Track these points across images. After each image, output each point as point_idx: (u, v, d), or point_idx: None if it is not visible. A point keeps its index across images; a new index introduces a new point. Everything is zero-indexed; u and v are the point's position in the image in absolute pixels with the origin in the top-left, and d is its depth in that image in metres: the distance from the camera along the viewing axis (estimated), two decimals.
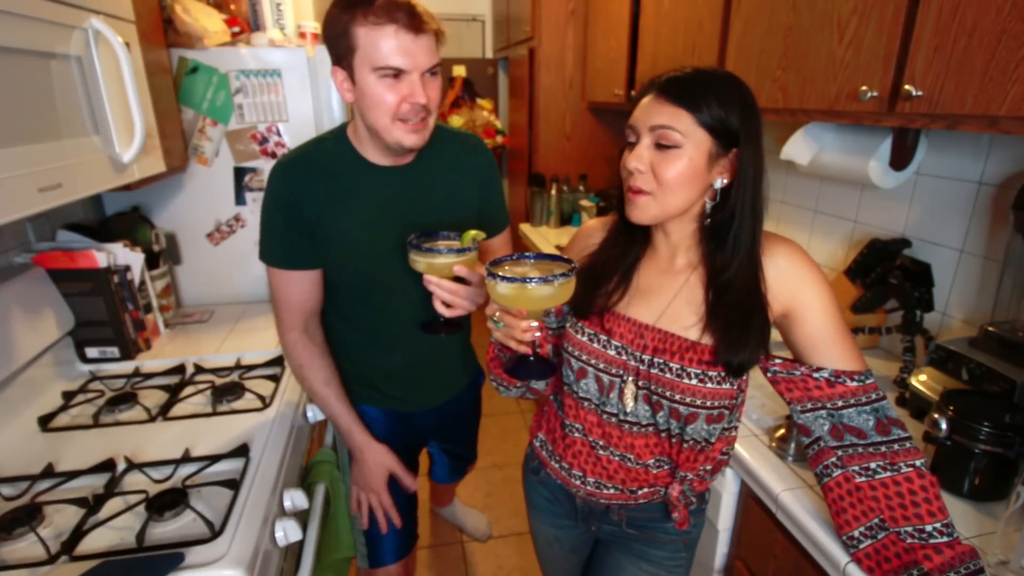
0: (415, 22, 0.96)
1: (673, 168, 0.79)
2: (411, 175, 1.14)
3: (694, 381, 0.83)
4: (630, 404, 0.89)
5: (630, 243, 0.93)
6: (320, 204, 1.10)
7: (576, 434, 0.96)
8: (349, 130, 1.13)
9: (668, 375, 0.85)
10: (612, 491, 0.95)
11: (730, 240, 0.82)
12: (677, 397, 0.85)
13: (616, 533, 1.02)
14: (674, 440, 0.90)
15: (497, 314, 0.86)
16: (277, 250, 1.14)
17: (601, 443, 0.94)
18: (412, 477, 1.31)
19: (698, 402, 0.84)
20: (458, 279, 0.99)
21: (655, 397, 0.87)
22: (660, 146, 0.79)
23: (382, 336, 1.23)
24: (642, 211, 0.83)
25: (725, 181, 0.81)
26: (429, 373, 1.30)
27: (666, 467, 0.92)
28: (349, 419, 1.23)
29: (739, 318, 0.81)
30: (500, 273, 0.79)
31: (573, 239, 1.03)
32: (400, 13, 0.95)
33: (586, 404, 0.94)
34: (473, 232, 1.00)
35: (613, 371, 0.90)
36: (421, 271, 0.99)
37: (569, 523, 1.07)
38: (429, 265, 0.97)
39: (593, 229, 1.00)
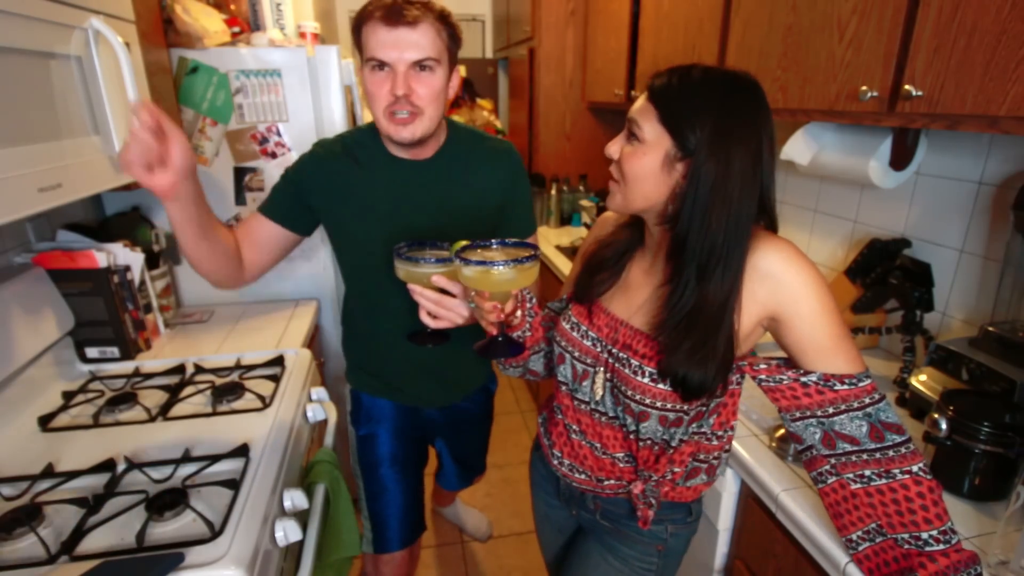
0: (393, 14, 0.98)
1: (631, 162, 0.81)
2: (430, 171, 1.16)
3: (647, 380, 0.83)
4: (599, 393, 0.91)
5: (629, 236, 0.94)
6: (341, 189, 1.15)
7: (558, 415, 1.00)
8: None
9: (626, 370, 0.86)
10: (582, 476, 0.97)
11: (675, 246, 0.80)
12: (629, 393, 0.85)
13: (592, 522, 1.04)
14: (630, 436, 0.91)
15: (472, 295, 0.90)
16: (269, 202, 1.18)
17: (575, 428, 0.97)
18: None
19: (647, 401, 0.84)
20: (444, 290, 0.97)
21: (615, 391, 0.89)
22: (629, 139, 0.82)
23: (395, 325, 1.23)
24: (609, 198, 0.87)
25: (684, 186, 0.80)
26: (438, 372, 1.31)
27: (633, 463, 0.93)
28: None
29: (697, 336, 0.78)
30: (465, 257, 0.85)
31: (592, 228, 1.07)
32: (385, 5, 0.99)
33: (563, 388, 0.98)
34: (462, 243, 0.97)
35: (588, 361, 0.92)
36: (403, 279, 0.97)
37: (557, 503, 1.10)
38: (408, 273, 0.95)
39: (607, 220, 1.03)
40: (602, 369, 0.90)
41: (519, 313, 0.90)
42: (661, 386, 0.82)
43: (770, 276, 0.78)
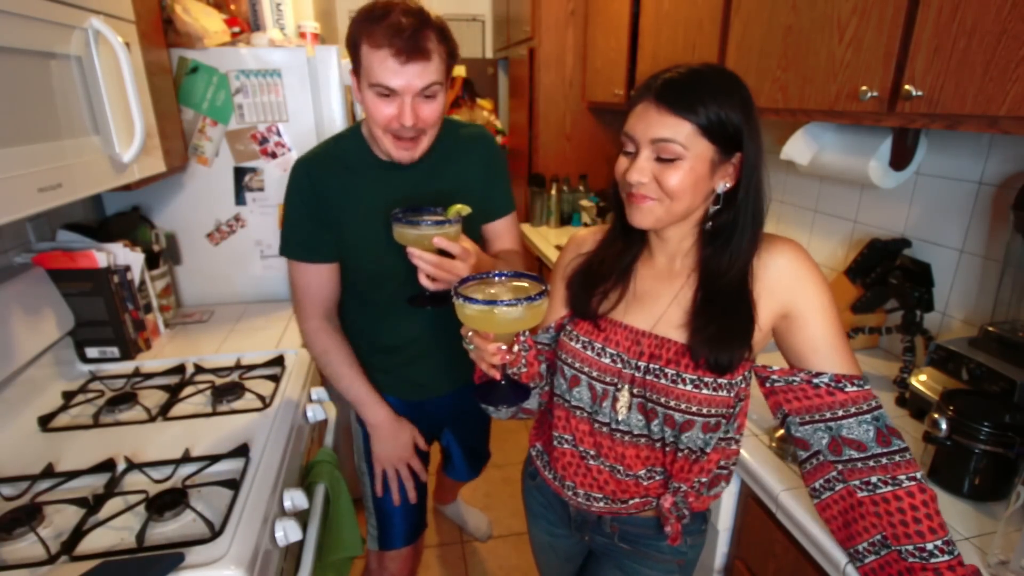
0: (407, 51, 0.97)
1: (676, 178, 0.77)
2: (419, 171, 1.17)
3: (689, 387, 0.82)
4: (623, 413, 0.88)
5: (627, 245, 0.92)
6: (339, 197, 1.16)
7: (565, 445, 0.95)
8: (364, 128, 1.18)
9: (663, 381, 0.83)
10: (602, 505, 0.93)
11: (733, 245, 0.81)
12: (672, 404, 0.83)
13: (608, 546, 1.00)
14: (668, 449, 0.88)
15: (469, 335, 0.83)
16: (298, 244, 1.19)
17: (592, 452, 0.92)
18: (425, 442, 1.37)
19: (693, 409, 0.82)
20: (442, 252, 1.01)
21: (650, 405, 0.85)
22: (661, 158, 0.78)
23: (395, 323, 1.27)
24: (646, 215, 0.82)
25: (728, 185, 0.81)
26: (440, 359, 1.32)
27: (658, 477, 0.90)
28: (374, 396, 1.28)
29: (723, 316, 0.81)
30: (466, 294, 0.76)
31: (566, 248, 1.02)
32: (396, 39, 0.97)
33: (578, 413, 0.93)
34: (458, 206, 1.03)
35: (607, 379, 0.89)
36: (403, 243, 1.01)
37: (564, 531, 1.06)
38: (407, 236, 0.99)
39: (584, 239, 0.99)
40: (626, 386, 0.87)
41: (515, 348, 0.84)
42: (705, 392, 0.82)
43: (788, 273, 0.81)
